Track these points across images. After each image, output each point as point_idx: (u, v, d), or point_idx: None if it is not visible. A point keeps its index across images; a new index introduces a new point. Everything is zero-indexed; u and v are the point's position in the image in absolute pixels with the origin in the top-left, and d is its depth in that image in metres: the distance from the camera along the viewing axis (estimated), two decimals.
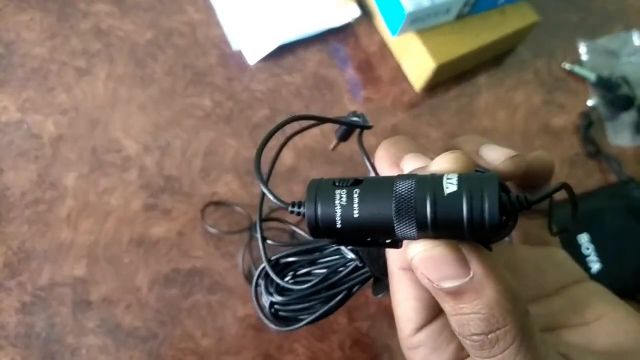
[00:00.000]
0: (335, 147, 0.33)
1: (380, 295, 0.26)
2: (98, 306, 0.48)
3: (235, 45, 0.60)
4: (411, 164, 0.21)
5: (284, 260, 0.28)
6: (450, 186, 0.18)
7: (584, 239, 0.54)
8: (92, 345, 0.47)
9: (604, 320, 0.24)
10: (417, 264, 0.19)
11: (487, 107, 0.63)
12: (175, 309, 0.49)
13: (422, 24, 0.57)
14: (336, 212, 0.19)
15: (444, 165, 0.19)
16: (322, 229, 0.19)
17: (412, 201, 0.18)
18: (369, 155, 0.26)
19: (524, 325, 0.18)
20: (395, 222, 0.18)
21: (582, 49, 0.66)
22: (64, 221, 0.51)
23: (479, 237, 0.18)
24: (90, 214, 0.51)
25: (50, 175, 0.52)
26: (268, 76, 0.60)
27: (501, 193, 0.17)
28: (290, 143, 0.60)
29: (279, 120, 0.21)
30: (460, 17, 0.59)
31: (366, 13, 0.63)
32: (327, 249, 0.27)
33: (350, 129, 0.30)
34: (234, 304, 0.50)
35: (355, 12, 0.63)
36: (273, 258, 0.28)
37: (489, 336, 0.18)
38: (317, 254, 0.28)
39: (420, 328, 0.22)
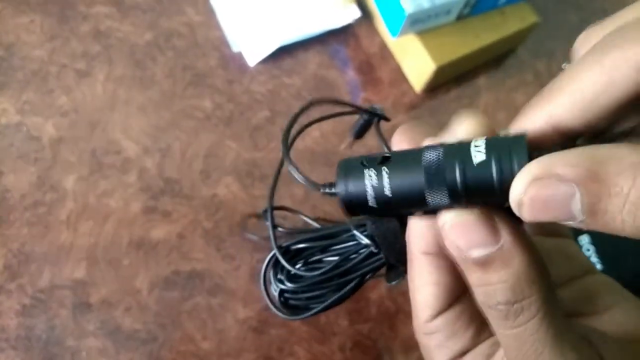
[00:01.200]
0: (350, 145, 0.32)
1: (394, 283, 0.26)
2: (98, 308, 0.48)
3: (235, 47, 0.60)
4: None
5: (294, 247, 0.27)
6: (478, 154, 0.18)
7: (584, 240, 0.54)
8: (92, 347, 0.47)
9: (615, 310, 0.24)
10: (448, 230, 0.19)
11: (487, 108, 0.62)
12: (175, 311, 0.49)
13: (422, 25, 0.57)
14: (367, 191, 0.19)
15: (468, 129, 0.19)
16: (356, 208, 0.20)
17: (442, 171, 0.18)
18: (387, 144, 0.26)
19: (548, 297, 0.19)
20: (427, 193, 0.19)
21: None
22: (63, 223, 0.50)
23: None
24: (89, 216, 0.51)
25: (49, 177, 0.52)
26: (268, 78, 0.59)
27: (531, 152, 0.17)
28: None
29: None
30: (460, 18, 0.59)
31: (366, 14, 0.63)
32: (340, 235, 0.27)
33: (366, 125, 0.29)
34: (234, 306, 0.50)
35: (355, 14, 0.63)
36: (284, 245, 0.27)
37: (514, 306, 0.19)
38: (330, 240, 0.27)
39: (438, 314, 0.22)
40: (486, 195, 0.18)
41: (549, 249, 0.26)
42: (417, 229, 0.22)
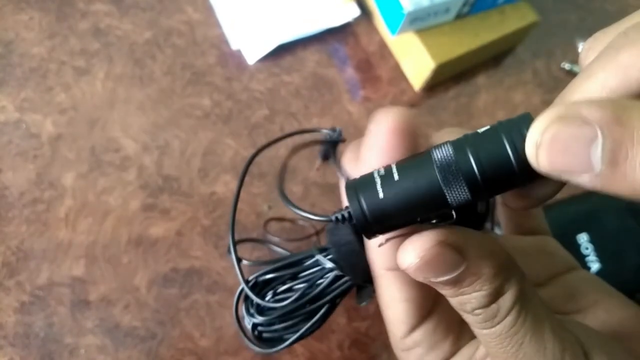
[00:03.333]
0: (318, 167, 0.32)
1: (364, 303, 0.26)
2: (96, 306, 0.48)
3: (234, 45, 0.60)
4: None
5: (262, 278, 0.27)
6: (486, 131, 0.18)
7: (582, 238, 0.54)
8: (91, 344, 0.47)
9: (598, 307, 0.24)
10: (413, 272, 0.18)
11: (486, 107, 0.62)
12: (174, 308, 0.49)
13: (421, 23, 0.57)
14: (381, 199, 0.18)
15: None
16: (371, 221, 0.19)
17: (455, 162, 0.18)
18: (340, 167, 0.25)
19: (522, 290, 0.19)
20: (445, 189, 0.18)
21: (581, 49, 0.66)
22: (62, 221, 0.50)
23: (530, 174, 0.17)
24: (88, 214, 0.51)
25: (48, 174, 0.52)
26: (267, 76, 0.59)
27: None
28: (290, 143, 0.60)
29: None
30: (460, 16, 0.59)
31: (365, 12, 0.63)
32: (305, 261, 0.26)
33: (328, 149, 0.29)
34: (232, 304, 0.50)
35: (354, 12, 0.63)
36: (251, 277, 0.27)
37: (491, 307, 0.19)
38: (296, 267, 0.26)
39: (413, 328, 0.22)
40: (504, 177, 0.17)
41: (528, 247, 0.26)
42: (377, 245, 0.21)
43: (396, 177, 0.18)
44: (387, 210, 0.18)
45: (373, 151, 0.19)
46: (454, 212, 0.19)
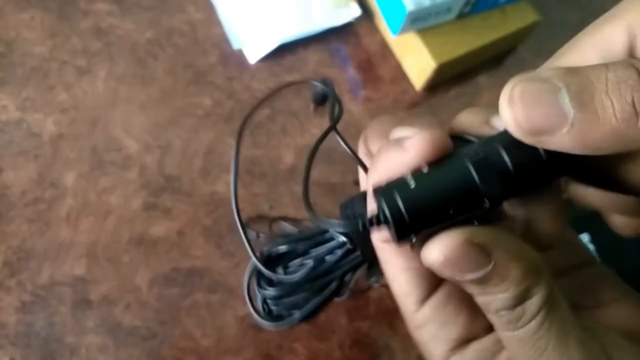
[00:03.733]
0: (314, 110, 0.32)
1: (373, 280, 0.26)
2: (97, 305, 0.48)
3: (235, 44, 0.60)
4: (400, 133, 0.20)
5: (273, 251, 0.27)
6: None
7: (584, 238, 0.54)
8: (92, 344, 0.47)
9: (619, 304, 0.23)
10: (439, 269, 0.18)
11: (488, 107, 0.62)
12: (175, 308, 0.49)
13: (422, 23, 0.57)
14: (415, 193, 0.19)
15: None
16: (408, 216, 0.18)
17: (485, 152, 0.18)
18: (350, 146, 0.25)
19: (549, 294, 0.18)
20: (480, 183, 0.18)
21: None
22: (63, 220, 0.50)
23: (559, 163, 0.18)
24: (89, 213, 0.51)
25: (50, 174, 0.52)
26: (268, 75, 0.59)
27: None
28: (291, 142, 0.60)
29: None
30: (461, 16, 0.59)
31: (367, 12, 0.63)
32: (318, 236, 0.26)
33: (323, 95, 0.29)
34: (233, 303, 0.50)
35: (355, 11, 0.63)
36: (264, 250, 0.27)
37: (516, 309, 0.18)
38: (309, 241, 0.27)
39: (422, 301, 0.21)
40: (534, 167, 0.18)
41: None
42: (411, 246, 0.21)
43: (426, 171, 0.19)
44: (422, 204, 0.18)
45: (401, 169, 0.19)
46: (486, 201, 0.18)
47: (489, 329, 0.21)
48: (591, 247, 0.53)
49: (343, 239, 0.24)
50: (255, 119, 0.57)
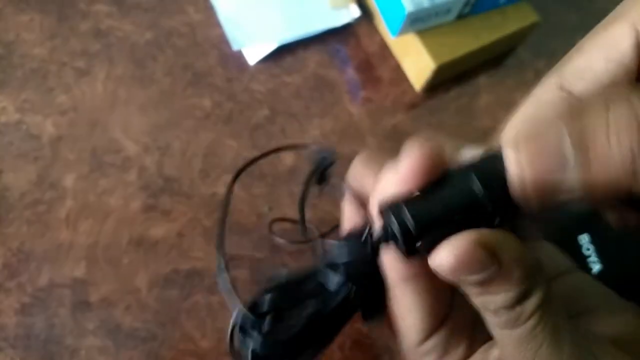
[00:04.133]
0: (319, 193, 0.31)
1: (373, 324, 0.25)
2: (97, 307, 0.48)
3: (235, 45, 0.60)
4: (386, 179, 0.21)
5: (261, 299, 0.25)
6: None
7: (584, 239, 0.54)
8: (91, 346, 0.47)
9: (600, 310, 0.24)
10: (445, 272, 0.18)
11: (488, 107, 0.62)
12: (175, 309, 0.49)
13: (422, 24, 0.57)
14: (423, 205, 0.19)
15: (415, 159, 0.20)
16: (415, 229, 0.19)
17: (488, 163, 0.19)
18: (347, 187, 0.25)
19: (546, 295, 0.19)
20: (483, 188, 0.19)
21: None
22: (63, 222, 0.50)
23: None
24: (89, 215, 0.51)
25: (49, 175, 0.52)
26: (268, 76, 0.59)
27: None
28: (290, 143, 0.60)
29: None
30: (460, 17, 0.59)
31: (366, 13, 0.63)
32: (309, 281, 0.25)
33: (323, 172, 0.28)
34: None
35: (355, 12, 0.63)
36: (249, 299, 0.25)
37: (515, 308, 0.19)
38: (300, 287, 0.25)
39: (427, 336, 0.22)
40: None
41: None
42: (391, 256, 0.21)
43: (432, 187, 0.19)
44: (426, 209, 0.19)
45: (402, 186, 0.20)
46: (491, 206, 0.19)
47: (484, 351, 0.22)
48: (591, 248, 0.53)
49: (339, 283, 0.23)
50: (254, 120, 0.57)
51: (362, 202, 0.24)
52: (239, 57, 0.60)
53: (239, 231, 0.52)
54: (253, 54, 0.60)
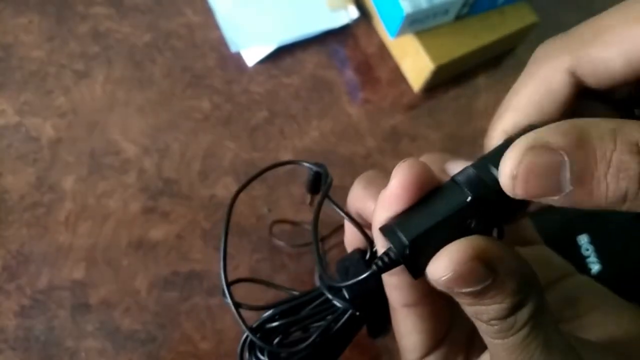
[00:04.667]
0: (311, 201, 0.32)
1: (379, 338, 0.25)
2: (97, 309, 0.48)
3: (233, 47, 0.60)
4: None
5: (268, 325, 0.25)
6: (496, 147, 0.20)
7: (583, 239, 0.54)
8: (91, 348, 0.47)
9: (595, 312, 0.24)
10: (442, 286, 0.18)
11: (487, 108, 0.62)
12: (174, 311, 0.49)
13: (420, 25, 0.57)
14: (416, 222, 0.19)
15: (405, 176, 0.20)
16: (409, 242, 0.19)
17: (476, 172, 0.19)
18: (341, 207, 0.25)
19: (539, 305, 0.19)
20: (471, 196, 0.19)
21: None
22: (62, 224, 0.50)
23: None
24: (88, 217, 0.51)
25: (48, 178, 0.52)
26: (266, 78, 0.59)
27: None
28: (289, 144, 0.60)
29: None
30: (459, 17, 0.59)
31: (364, 14, 0.63)
32: (313, 302, 0.25)
33: (316, 179, 0.28)
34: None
35: (353, 14, 0.63)
36: (255, 323, 0.25)
37: (507, 319, 0.19)
38: (305, 310, 0.25)
39: (426, 355, 0.23)
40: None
41: None
42: (394, 283, 0.21)
43: (422, 202, 0.19)
44: (419, 229, 0.19)
45: (393, 206, 0.20)
46: (479, 210, 0.19)
47: None
48: (591, 248, 0.53)
49: (343, 304, 0.23)
50: (253, 122, 0.57)
51: (364, 222, 0.25)
52: (237, 58, 0.60)
53: (239, 233, 0.52)
54: (252, 56, 0.60)
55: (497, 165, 0.18)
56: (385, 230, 0.20)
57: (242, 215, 0.53)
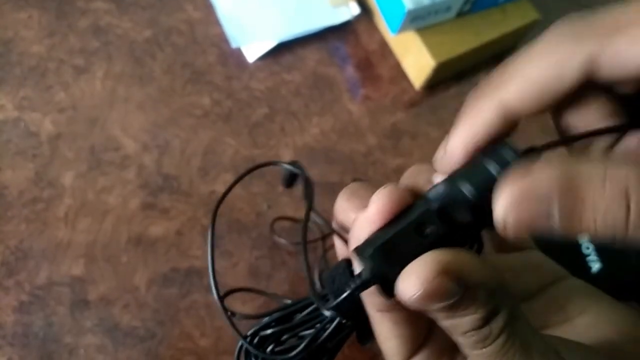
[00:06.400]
0: (283, 188, 0.32)
1: (367, 344, 0.26)
2: (96, 305, 0.48)
3: (234, 43, 0.60)
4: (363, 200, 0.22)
5: (262, 333, 0.26)
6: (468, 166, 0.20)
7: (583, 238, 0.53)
8: (90, 344, 0.47)
9: (587, 314, 0.24)
10: (412, 304, 0.18)
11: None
12: (174, 308, 0.49)
13: (422, 21, 0.57)
14: (379, 235, 0.20)
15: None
16: (377, 259, 0.19)
17: (445, 190, 0.19)
18: (311, 204, 0.26)
19: (513, 311, 0.19)
20: (437, 207, 0.19)
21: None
22: (61, 220, 0.50)
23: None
24: (88, 213, 0.51)
25: (47, 173, 0.52)
26: (267, 74, 0.59)
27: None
28: (289, 141, 0.60)
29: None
30: (461, 15, 0.59)
31: (366, 11, 0.63)
32: (304, 311, 0.26)
33: (292, 177, 0.29)
34: (232, 303, 0.49)
35: (354, 10, 0.62)
36: (249, 332, 0.26)
37: (482, 329, 0.19)
38: (297, 317, 0.26)
39: (410, 357, 0.23)
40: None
41: (514, 264, 0.27)
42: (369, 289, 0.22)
43: (393, 220, 0.20)
44: (386, 241, 0.19)
45: (368, 229, 0.21)
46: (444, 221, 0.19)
47: None
48: (591, 246, 0.53)
49: (331, 313, 0.24)
50: (254, 118, 0.57)
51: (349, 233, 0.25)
52: (238, 55, 0.60)
53: (239, 229, 0.52)
54: (252, 52, 0.59)
55: (468, 182, 0.19)
56: (358, 250, 0.20)
57: (241, 212, 0.53)
